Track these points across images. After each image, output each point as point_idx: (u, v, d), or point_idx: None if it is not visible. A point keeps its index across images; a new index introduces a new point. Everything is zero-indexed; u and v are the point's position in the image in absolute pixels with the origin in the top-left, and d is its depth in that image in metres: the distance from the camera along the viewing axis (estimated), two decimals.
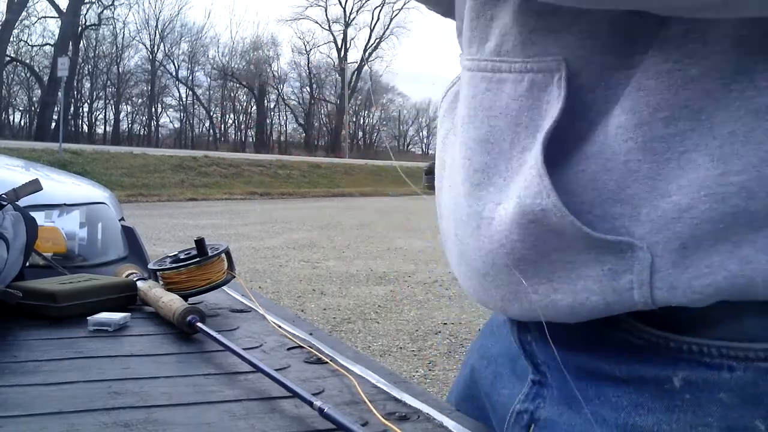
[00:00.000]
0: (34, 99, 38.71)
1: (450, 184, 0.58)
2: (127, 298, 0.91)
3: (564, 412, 0.56)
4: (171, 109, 45.30)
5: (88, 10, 38.82)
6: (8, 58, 35.87)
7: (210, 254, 0.94)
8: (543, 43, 0.48)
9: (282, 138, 48.31)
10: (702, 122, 0.44)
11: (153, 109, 43.51)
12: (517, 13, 0.50)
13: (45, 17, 38.03)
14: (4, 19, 34.37)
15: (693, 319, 0.47)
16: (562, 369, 0.56)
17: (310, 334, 0.80)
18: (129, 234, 2.92)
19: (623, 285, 0.46)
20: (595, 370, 0.53)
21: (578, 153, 0.47)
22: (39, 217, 1.71)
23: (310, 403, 0.54)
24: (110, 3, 39.26)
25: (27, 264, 0.96)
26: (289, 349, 0.76)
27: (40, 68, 37.94)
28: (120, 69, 41.06)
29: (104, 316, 0.83)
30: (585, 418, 0.53)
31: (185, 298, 0.89)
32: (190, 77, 44.51)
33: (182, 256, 0.96)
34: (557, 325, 0.54)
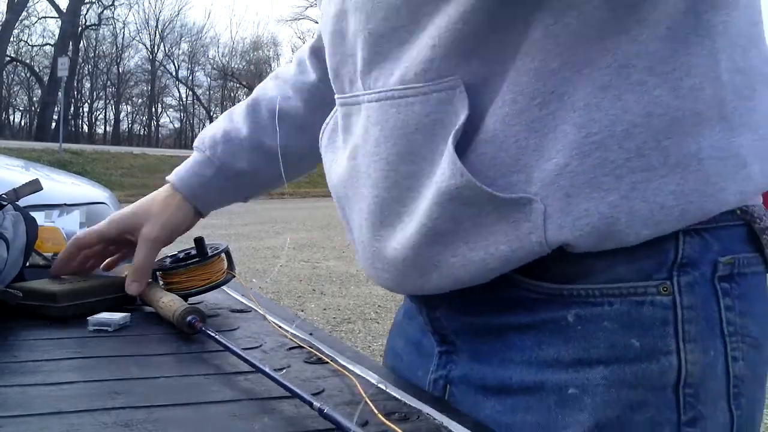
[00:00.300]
0: (34, 99, 38.74)
1: (361, 198, 0.67)
2: (128, 296, 0.91)
3: (474, 366, 0.67)
4: (171, 109, 45.33)
5: (88, 10, 38.84)
6: (8, 58, 35.87)
7: (210, 254, 0.94)
8: (437, 69, 0.59)
9: None
10: (565, 101, 0.57)
11: (153, 109, 43.53)
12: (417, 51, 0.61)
13: (45, 17, 38.05)
14: (4, 19, 34.37)
15: (577, 271, 0.61)
16: (468, 333, 0.68)
17: (310, 334, 0.80)
18: None
19: (524, 231, 0.58)
20: (501, 324, 0.65)
21: (477, 141, 0.59)
22: (39, 217, 1.71)
23: (310, 403, 0.54)
24: (110, 3, 39.27)
25: (27, 264, 0.96)
26: (289, 349, 0.76)
27: (40, 68, 37.96)
28: (120, 69, 41.09)
29: (104, 316, 0.82)
30: (495, 365, 0.65)
31: (185, 298, 0.89)
32: (190, 77, 44.54)
33: (182, 256, 0.96)
34: (461, 298, 0.65)
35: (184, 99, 44.74)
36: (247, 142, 0.94)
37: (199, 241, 0.94)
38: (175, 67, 43.28)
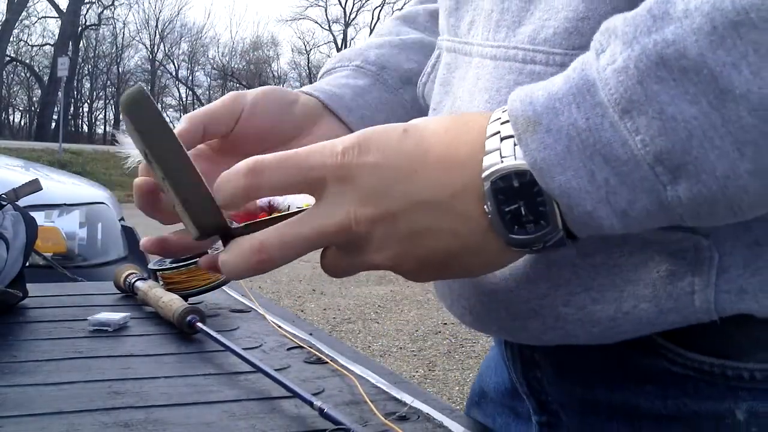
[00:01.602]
0: (34, 99, 38.75)
1: None
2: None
3: None
4: (171, 109, 45.32)
5: (88, 10, 38.85)
6: (8, 58, 35.89)
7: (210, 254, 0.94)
8: (589, 33, 0.38)
9: None
10: None
11: None
12: None
13: (45, 17, 38.06)
14: (4, 18, 34.39)
15: (750, 343, 0.43)
16: (579, 407, 0.51)
17: (310, 334, 0.80)
18: (129, 234, 2.92)
19: (682, 288, 0.41)
20: (629, 406, 0.47)
21: None
22: (39, 217, 1.71)
23: (310, 403, 0.54)
24: (110, 3, 39.28)
25: (27, 264, 0.96)
26: (289, 349, 0.75)
27: (40, 68, 37.97)
28: (120, 69, 41.09)
29: (104, 316, 0.82)
30: None
31: (185, 298, 0.89)
32: (190, 77, 44.56)
33: (182, 256, 0.95)
34: (573, 356, 0.49)
35: (184, 99, 44.77)
36: (419, 41, 0.67)
37: None
38: (175, 67, 43.32)
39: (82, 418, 0.54)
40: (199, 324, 0.76)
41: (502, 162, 0.36)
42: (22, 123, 39.73)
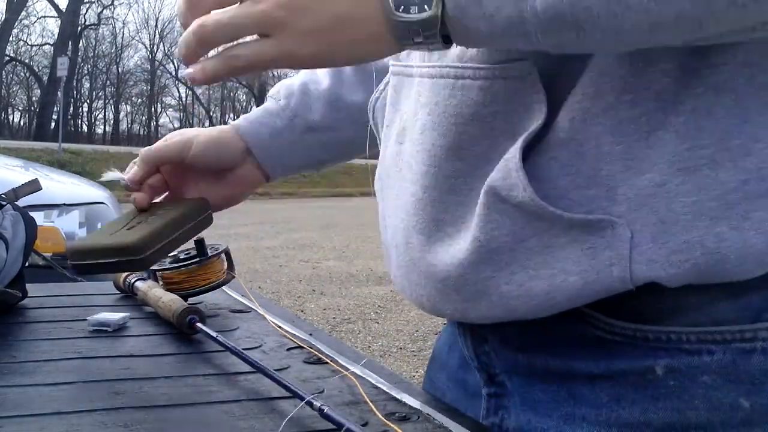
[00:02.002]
0: (34, 99, 38.75)
1: (401, 193, 0.58)
2: (206, 219, 0.81)
3: (532, 418, 0.56)
4: (171, 109, 45.34)
5: (87, 10, 38.85)
6: (8, 58, 35.88)
7: (210, 254, 0.94)
8: (507, 50, 0.48)
9: None
10: (665, 101, 0.46)
11: (152, 109, 43.54)
12: None
13: (44, 17, 38.07)
14: (3, 18, 34.38)
15: (663, 309, 0.49)
16: (523, 373, 0.56)
17: (310, 334, 0.80)
18: None
19: (603, 261, 0.47)
20: (566, 370, 0.53)
21: (548, 141, 0.48)
22: (38, 217, 1.71)
23: (310, 404, 0.54)
24: (110, 3, 39.28)
25: (26, 264, 0.96)
26: (289, 349, 0.75)
27: (40, 68, 37.97)
28: (119, 69, 41.10)
29: (104, 316, 0.82)
30: (558, 420, 0.53)
31: (185, 298, 0.89)
32: None
33: (182, 257, 0.95)
34: (516, 330, 0.54)
35: (184, 99, 44.78)
36: (327, 94, 0.80)
37: (199, 242, 0.94)
38: (174, 66, 43.29)
39: (81, 418, 0.54)
40: (199, 324, 0.76)
41: None
42: (22, 123, 39.74)
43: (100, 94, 41.54)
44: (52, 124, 33.95)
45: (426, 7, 0.42)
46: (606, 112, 0.47)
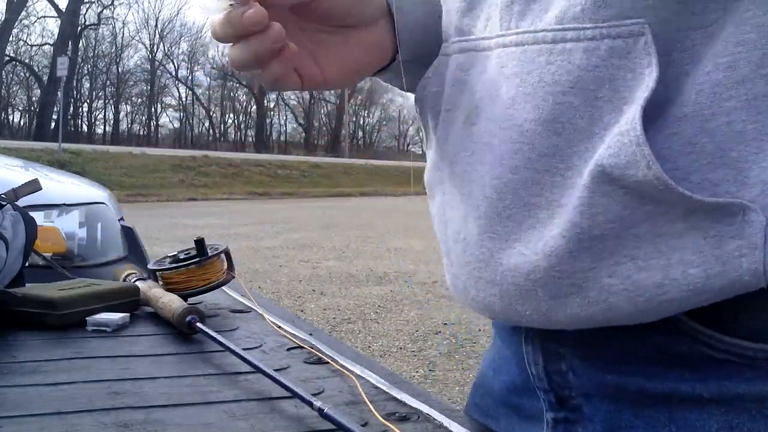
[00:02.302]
0: (34, 99, 38.75)
1: (474, 178, 0.51)
2: (129, 303, 0.90)
3: None
4: (171, 109, 45.34)
5: (87, 10, 38.85)
6: (7, 58, 35.87)
7: (210, 254, 0.94)
8: (618, 5, 0.42)
9: (282, 138, 48.34)
10: None
11: (152, 109, 43.54)
12: None
13: (44, 17, 38.06)
14: (3, 18, 34.37)
15: None
16: (609, 397, 0.49)
17: (310, 334, 0.80)
18: (128, 234, 2.92)
19: (730, 252, 0.41)
20: (667, 392, 0.47)
21: (668, 116, 0.43)
22: (38, 217, 1.71)
23: (310, 404, 0.54)
24: (110, 3, 39.27)
25: (26, 264, 0.96)
26: (288, 349, 0.75)
27: (40, 68, 37.98)
28: (119, 69, 41.10)
29: (104, 316, 0.82)
30: None
31: (185, 298, 0.89)
32: (190, 77, 44.53)
33: (182, 256, 0.95)
34: (603, 344, 0.48)
35: (184, 99, 44.77)
36: None
37: (199, 242, 0.94)
38: (174, 66, 43.30)
39: (81, 418, 0.54)
40: (199, 324, 0.76)
41: None
42: (22, 123, 39.74)
43: (100, 94, 41.55)
44: (52, 124, 33.95)
45: None
46: (740, 85, 0.41)
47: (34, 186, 1.03)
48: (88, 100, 40.91)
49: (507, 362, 0.61)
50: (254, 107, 45.74)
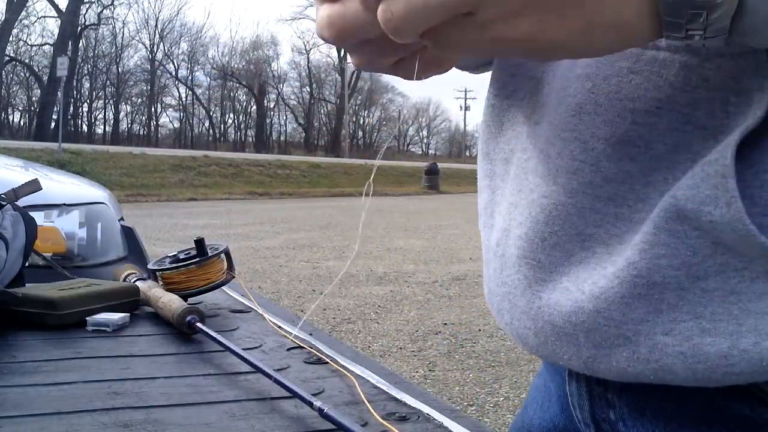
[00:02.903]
0: (34, 99, 38.75)
1: (524, 188, 0.45)
2: (129, 303, 0.90)
3: None
4: (170, 109, 45.37)
5: (87, 10, 38.86)
6: (7, 58, 35.87)
7: (210, 254, 0.94)
8: None
9: (282, 138, 48.35)
10: None
11: (152, 109, 43.56)
12: None
13: (44, 17, 38.07)
14: (3, 18, 34.37)
15: None
16: None
17: (310, 334, 0.80)
18: (128, 234, 2.92)
19: None
20: None
21: (764, 149, 0.35)
22: (38, 217, 1.71)
23: (310, 404, 0.54)
24: (110, 3, 39.28)
25: (26, 264, 0.96)
26: (288, 349, 0.75)
27: (40, 68, 37.99)
28: (119, 69, 41.11)
29: (103, 316, 0.82)
30: None
31: (185, 298, 0.89)
32: (190, 77, 44.55)
33: (182, 256, 0.95)
34: (658, 396, 0.42)
35: (184, 99, 44.78)
36: None
37: (199, 242, 0.94)
38: (174, 66, 43.31)
39: (81, 418, 0.54)
40: (199, 324, 0.76)
41: None
42: (22, 123, 39.75)
43: (100, 94, 41.57)
44: (52, 124, 33.95)
45: None
46: None
47: (34, 186, 1.03)
48: (88, 100, 40.94)
49: (549, 398, 0.55)
50: (254, 107, 45.76)
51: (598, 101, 0.40)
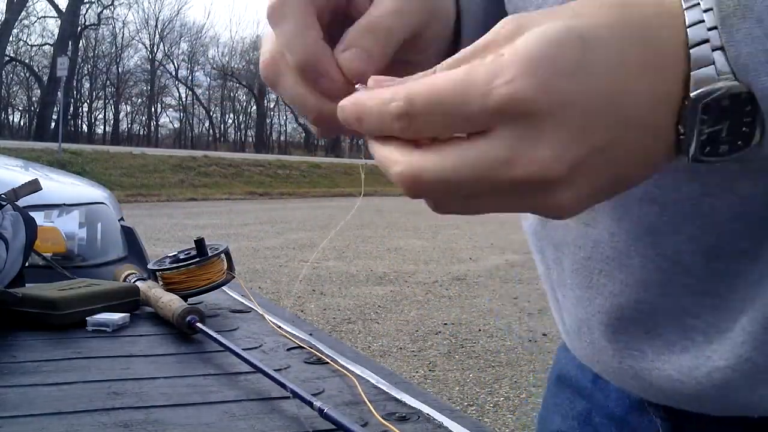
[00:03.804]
0: (34, 99, 38.76)
1: (596, 285, 0.48)
2: (129, 303, 0.90)
3: None
4: (171, 109, 45.35)
5: (87, 10, 38.86)
6: (8, 58, 35.89)
7: (210, 254, 0.94)
8: None
9: (282, 138, 48.34)
10: None
11: (152, 109, 43.55)
12: None
13: (44, 17, 38.08)
14: (3, 18, 34.38)
15: None
16: None
17: (310, 334, 0.80)
18: (128, 234, 2.92)
19: None
20: None
21: None
22: (38, 217, 1.71)
23: (310, 404, 0.54)
24: (110, 3, 39.29)
25: (26, 264, 0.96)
26: (288, 349, 0.75)
27: (40, 68, 37.99)
28: (119, 69, 41.11)
29: (103, 316, 0.82)
30: None
31: (185, 298, 0.89)
32: (190, 77, 44.54)
33: (182, 257, 0.95)
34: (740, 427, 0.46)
35: (184, 99, 44.77)
36: None
37: (199, 242, 0.94)
38: (174, 66, 43.31)
39: (81, 418, 0.54)
40: (199, 324, 0.76)
41: (718, 80, 0.30)
42: (22, 123, 39.76)
43: (100, 94, 41.56)
44: (52, 124, 33.95)
45: (740, 143, 0.31)
46: None
47: (34, 186, 1.03)
48: (88, 100, 40.94)
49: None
50: (254, 107, 45.76)
51: (674, 222, 0.43)
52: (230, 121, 46.91)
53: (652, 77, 0.30)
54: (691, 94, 0.30)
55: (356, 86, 0.38)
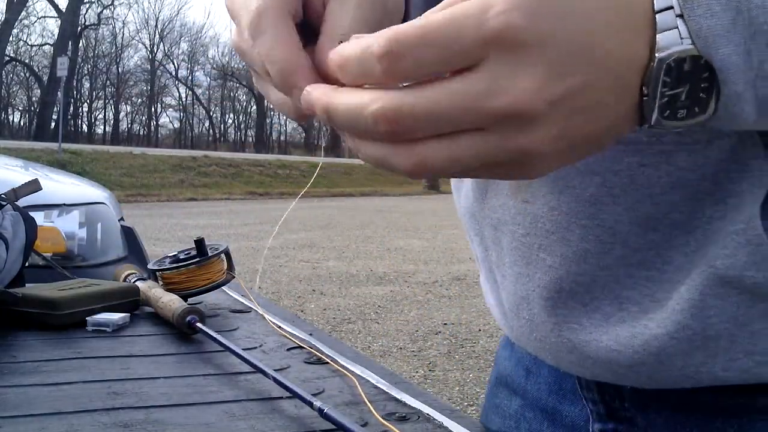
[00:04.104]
0: (34, 99, 38.77)
1: (531, 261, 0.49)
2: (129, 303, 0.90)
3: None
4: (170, 109, 45.36)
5: (87, 10, 38.87)
6: (7, 58, 35.89)
7: (210, 254, 0.94)
8: None
9: (282, 138, 48.34)
10: None
11: (152, 109, 43.56)
12: None
13: (44, 17, 38.09)
14: (3, 18, 34.38)
15: None
16: (670, 407, 0.49)
17: (310, 334, 0.80)
18: (128, 234, 2.93)
19: None
20: (740, 404, 0.46)
21: None
22: (38, 217, 1.71)
23: (310, 404, 0.54)
24: (110, 3, 39.30)
25: (26, 264, 0.96)
26: (288, 349, 0.75)
27: (40, 68, 38.00)
28: (119, 69, 41.12)
29: (103, 316, 0.82)
30: None
31: (185, 298, 0.89)
32: (190, 77, 44.55)
33: (182, 257, 0.95)
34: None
35: (184, 99, 44.79)
36: None
37: (199, 242, 0.94)
38: (174, 66, 43.32)
39: (81, 418, 0.54)
40: (199, 324, 0.76)
41: (681, 43, 0.32)
42: (22, 123, 39.77)
43: (100, 94, 41.57)
44: (52, 124, 33.95)
45: (697, 109, 0.33)
46: None
47: (34, 186, 1.03)
48: (88, 100, 40.94)
49: (537, 365, 0.60)
50: (254, 107, 45.75)
51: (613, 193, 0.45)
52: (230, 121, 46.95)
53: (623, 34, 0.32)
54: (657, 55, 0.32)
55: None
